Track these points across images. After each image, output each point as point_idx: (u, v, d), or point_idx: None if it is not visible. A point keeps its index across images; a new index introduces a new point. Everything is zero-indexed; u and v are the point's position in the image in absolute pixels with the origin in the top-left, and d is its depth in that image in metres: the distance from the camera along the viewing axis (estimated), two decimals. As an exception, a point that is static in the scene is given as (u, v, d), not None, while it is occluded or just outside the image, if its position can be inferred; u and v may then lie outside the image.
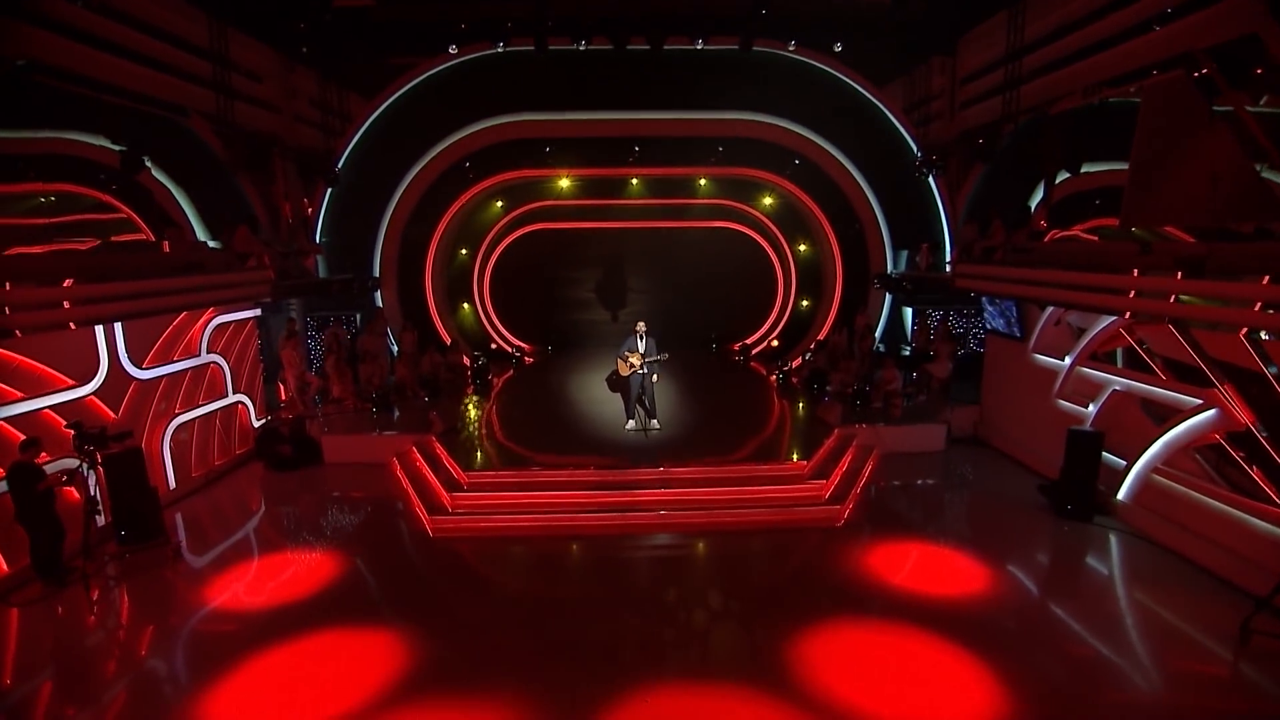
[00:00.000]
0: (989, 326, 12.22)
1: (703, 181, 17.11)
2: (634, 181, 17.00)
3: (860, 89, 14.81)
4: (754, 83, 14.59)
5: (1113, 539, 8.33)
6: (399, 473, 10.34)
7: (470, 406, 12.94)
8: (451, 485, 9.54)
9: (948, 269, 13.14)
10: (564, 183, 16.58)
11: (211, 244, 11.67)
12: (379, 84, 14.42)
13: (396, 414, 12.40)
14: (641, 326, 10.83)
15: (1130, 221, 9.01)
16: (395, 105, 14.60)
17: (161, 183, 11.87)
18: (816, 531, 8.70)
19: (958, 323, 15.50)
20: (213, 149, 12.01)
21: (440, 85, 14.57)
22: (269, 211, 13.22)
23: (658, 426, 11.03)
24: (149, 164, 11.54)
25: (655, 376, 10.88)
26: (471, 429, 11.59)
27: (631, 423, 11.07)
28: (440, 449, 10.54)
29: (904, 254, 15.37)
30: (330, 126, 14.67)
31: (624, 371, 10.79)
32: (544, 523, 8.91)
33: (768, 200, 17.25)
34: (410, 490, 9.76)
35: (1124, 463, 8.76)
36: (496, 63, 14.33)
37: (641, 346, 10.71)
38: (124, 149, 10.24)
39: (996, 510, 9.38)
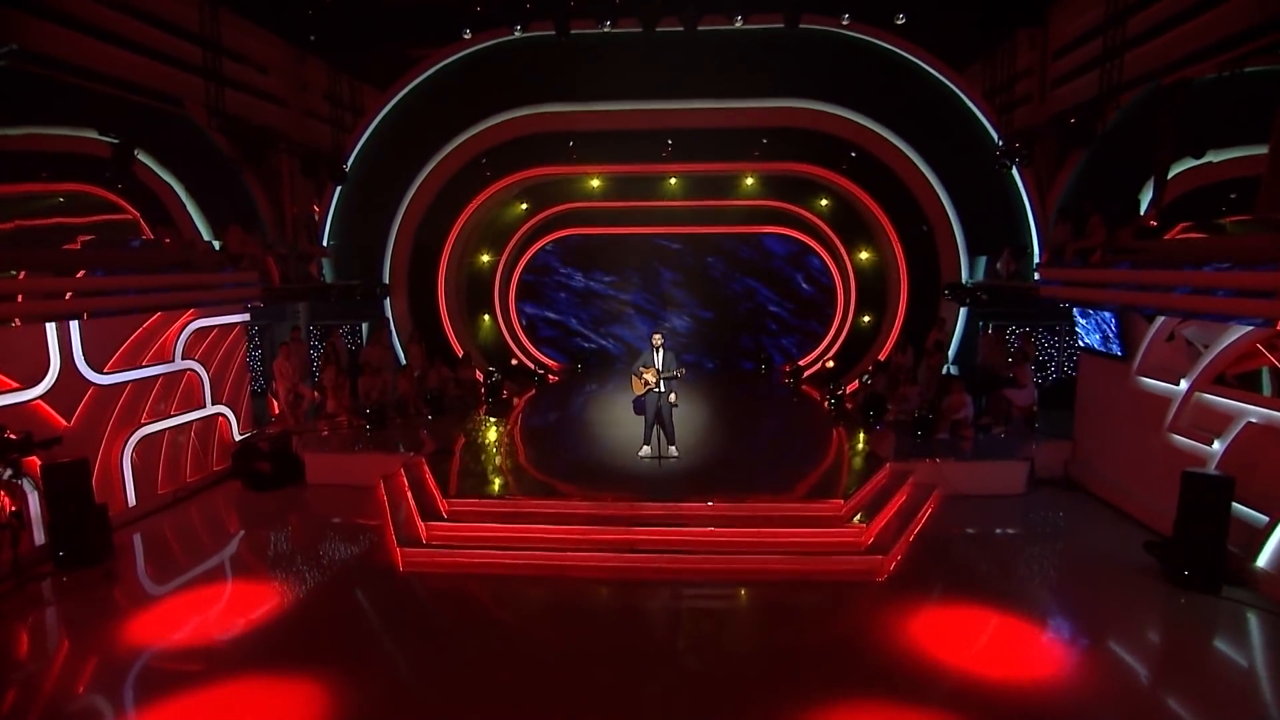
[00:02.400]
0: (1082, 343, 10.19)
1: (749, 180, 15.56)
2: (671, 181, 15.63)
3: (927, 67, 12.92)
4: (802, 65, 12.95)
5: (1251, 618, 6.40)
6: (382, 497, 9.29)
7: (474, 427, 11.78)
8: (428, 514, 8.37)
9: (1035, 276, 11.12)
10: (594, 182, 15.38)
11: (217, 245, 11.06)
12: (395, 75, 13.60)
13: (391, 432, 11.33)
14: (658, 338, 9.50)
15: (1270, 205, 7.21)
16: (408, 98, 13.69)
17: (164, 180, 11.37)
18: (851, 586, 7.15)
19: (1047, 341, 13.36)
20: (218, 145, 11.42)
21: (455, 75, 13.57)
22: (275, 211, 12.54)
23: (676, 454, 9.59)
24: (152, 161, 11.13)
25: (673, 396, 9.46)
26: (468, 451, 10.41)
27: (646, 449, 9.65)
28: (427, 472, 9.41)
29: (982, 260, 13.35)
30: (341, 121, 13.91)
31: (638, 389, 9.47)
32: (528, 560, 7.65)
33: (823, 201, 15.54)
34: (389, 517, 8.71)
35: (1264, 518, 6.88)
36: (515, 49, 13.23)
37: (658, 361, 9.36)
38: (115, 141, 9.75)
39: (1089, 572, 7.50)
